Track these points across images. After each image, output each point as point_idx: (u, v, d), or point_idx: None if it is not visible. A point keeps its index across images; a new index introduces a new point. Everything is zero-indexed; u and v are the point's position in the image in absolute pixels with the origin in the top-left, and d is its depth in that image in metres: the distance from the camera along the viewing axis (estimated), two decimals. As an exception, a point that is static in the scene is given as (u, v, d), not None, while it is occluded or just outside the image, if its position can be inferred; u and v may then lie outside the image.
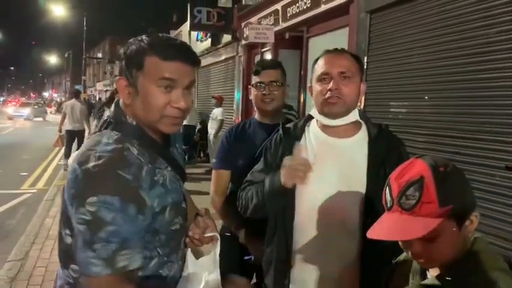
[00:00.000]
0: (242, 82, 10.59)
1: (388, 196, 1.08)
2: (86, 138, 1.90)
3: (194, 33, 14.11)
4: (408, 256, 1.19)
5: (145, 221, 1.20)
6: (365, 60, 5.87)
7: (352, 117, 1.64)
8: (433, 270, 1.13)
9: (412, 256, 1.10)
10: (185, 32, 15.41)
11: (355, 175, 1.57)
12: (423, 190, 1.00)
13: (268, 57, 9.32)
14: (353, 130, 1.66)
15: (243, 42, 10.26)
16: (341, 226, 1.58)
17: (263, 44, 9.47)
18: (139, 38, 1.29)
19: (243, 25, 10.05)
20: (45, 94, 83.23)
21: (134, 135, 1.28)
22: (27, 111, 31.50)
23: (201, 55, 14.64)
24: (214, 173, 2.37)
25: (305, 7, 7.50)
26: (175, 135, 1.46)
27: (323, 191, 1.59)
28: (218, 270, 1.35)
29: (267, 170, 1.73)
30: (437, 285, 1.08)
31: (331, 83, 1.58)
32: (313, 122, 1.73)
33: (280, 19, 8.55)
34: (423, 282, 1.13)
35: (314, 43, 7.75)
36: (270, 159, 1.76)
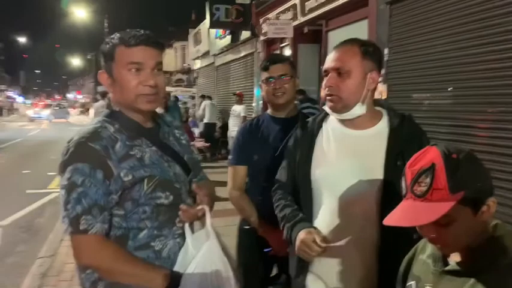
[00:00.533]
0: (262, 78, 10.58)
1: (403, 184, 1.11)
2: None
3: (213, 30, 14.16)
4: (425, 245, 1.20)
5: (112, 187, 1.40)
6: (385, 52, 5.79)
7: (357, 110, 1.60)
8: (455, 256, 1.12)
9: (429, 241, 1.11)
10: (204, 30, 15.50)
11: (373, 166, 1.56)
12: (434, 177, 1.02)
13: (287, 52, 9.30)
14: (373, 121, 1.63)
15: (262, 38, 10.26)
16: (360, 217, 1.57)
17: (282, 39, 9.44)
18: (112, 36, 1.51)
19: (262, 21, 10.05)
20: (69, 96, 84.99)
21: (116, 118, 1.51)
22: (46, 113, 32.12)
23: (221, 52, 14.72)
24: (230, 169, 2.40)
25: (324, 0, 7.44)
26: (174, 128, 1.69)
27: (341, 183, 1.58)
28: (214, 238, 1.48)
29: (289, 168, 1.77)
30: (458, 270, 1.08)
31: (326, 79, 1.59)
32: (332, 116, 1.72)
33: (298, 13, 8.51)
34: (446, 268, 1.12)
35: (333, 36, 7.68)
36: (291, 155, 1.78)
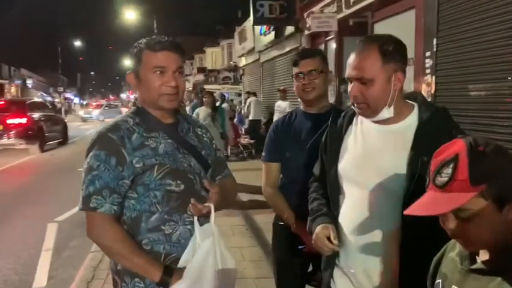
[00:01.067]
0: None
1: (428, 175, 1.09)
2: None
3: (258, 27, 14.18)
4: (455, 243, 1.16)
5: (124, 172, 1.57)
6: (434, 42, 5.56)
7: (385, 114, 1.55)
8: (483, 255, 1.07)
9: (451, 236, 1.08)
10: (249, 27, 15.57)
11: (398, 161, 1.51)
12: (456, 168, 1.00)
13: (332, 46, 9.15)
14: (402, 115, 1.58)
15: (306, 32, 10.14)
16: (384, 213, 1.54)
17: (326, 33, 9.29)
18: (139, 41, 1.68)
19: (306, 15, 9.93)
20: (122, 96, 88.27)
21: (138, 113, 1.70)
22: (96, 113, 33.37)
23: (265, 49, 14.71)
24: (264, 166, 2.40)
25: (369, -9, 7.24)
26: (197, 126, 1.83)
27: (366, 179, 1.56)
28: (217, 236, 1.60)
29: (321, 162, 1.79)
30: (485, 269, 1.03)
31: (350, 87, 1.55)
32: None
33: (343, 6, 8.33)
34: (472, 266, 1.08)
35: (380, 28, 7.46)
36: (321, 150, 1.79)
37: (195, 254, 1.55)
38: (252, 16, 11.64)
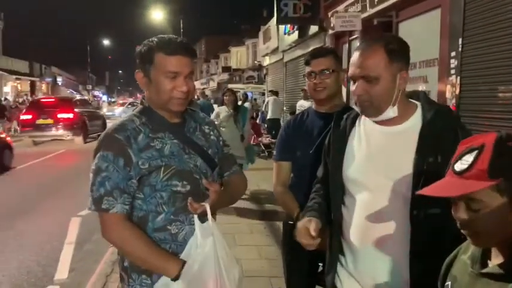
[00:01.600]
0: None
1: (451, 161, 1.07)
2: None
3: (282, 26, 14.16)
4: (468, 246, 1.13)
5: (131, 172, 1.57)
6: (459, 42, 5.44)
7: (390, 113, 1.53)
8: (495, 258, 1.05)
9: (460, 226, 1.05)
10: (273, 27, 15.56)
11: (403, 163, 1.48)
12: (478, 157, 0.99)
13: (356, 45, 9.05)
14: (405, 116, 1.56)
15: (330, 32, 10.07)
16: (390, 215, 1.51)
17: (351, 32, 9.21)
18: (150, 39, 1.65)
19: (330, 14, 9.86)
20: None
21: (145, 113, 1.68)
22: (119, 110, 33.97)
23: (289, 48, 14.68)
24: (275, 165, 2.38)
25: (393, -10, 7.13)
26: (204, 124, 1.81)
27: (371, 181, 1.53)
28: (217, 234, 1.60)
29: (325, 164, 1.77)
30: (497, 273, 1.00)
31: (354, 87, 1.52)
32: None
33: (367, 5, 8.24)
34: (483, 270, 1.05)
35: (404, 28, 7.35)
36: (325, 152, 1.77)
37: (195, 255, 1.55)
38: (276, 15, 11.63)
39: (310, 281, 2.33)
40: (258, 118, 14.70)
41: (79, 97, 22.64)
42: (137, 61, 1.67)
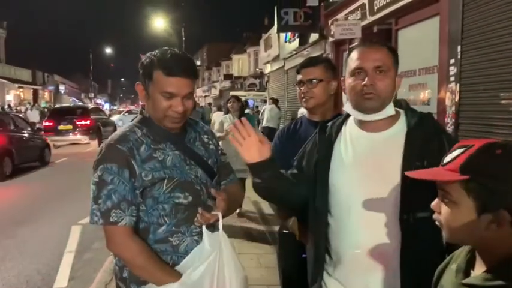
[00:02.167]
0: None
1: None
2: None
3: (283, 34, 14.22)
4: (459, 254, 1.14)
5: (136, 183, 1.56)
6: (458, 49, 5.46)
7: (387, 111, 1.56)
8: (478, 268, 1.05)
9: (435, 219, 1.11)
10: (274, 34, 15.63)
11: (390, 168, 1.49)
12: (462, 154, 1.04)
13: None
14: (390, 122, 1.58)
15: (330, 39, 10.11)
16: (379, 221, 1.51)
17: (351, 40, 9.24)
18: (152, 53, 1.62)
19: (330, 22, 9.92)
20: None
21: (145, 123, 1.66)
22: (115, 118, 34.26)
23: (290, 56, 14.73)
24: None
25: (393, -2, 7.17)
26: (203, 133, 1.79)
27: (359, 187, 1.53)
28: (226, 244, 1.62)
29: (298, 168, 1.74)
30: (477, 284, 1.01)
31: (366, 79, 1.52)
32: (351, 119, 1.67)
33: (367, 13, 8.29)
34: (464, 281, 1.06)
35: (404, 35, 7.38)
36: (305, 157, 1.74)
37: (199, 263, 1.54)
38: (277, 23, 11.70)
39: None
40: (260, 125, 14.71)
41: (92, 106, 24.79)
42: (140, 72, 1.65)
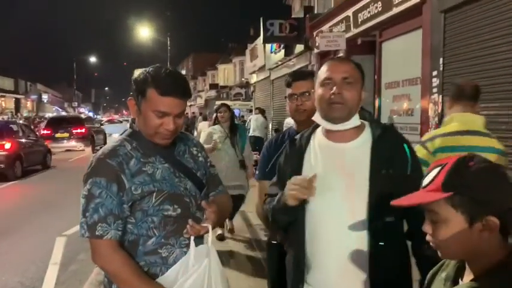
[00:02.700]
0: (316, 91, 10.55)
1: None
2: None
3: (269, 45, 14.35)
4: (450, 261, 1.18)
5: (124, 198, 1.58)
6: (440, 61, 5.60)
7: (353, 122, 1.66)
8: (467, 277, 1.09)
9: (427, 238, 1.13)
10: (260, 45, 15.75)
11: (359, 177, 1.59)
12: (439, 173, 1.08)
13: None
14: (357, 133, 1.68)
15: (316, 51, 10.25)
16: (350, 228, 1.59)
17: (335, 52, 9.38)
18: (146, 69, 1.64)
19: (315, 34, 10.06)
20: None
21: (135, 137, 1.69)
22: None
23: (276, 66, 14.86)
24: (257, 184, 2.42)
25: (376, 11, 7.33)
26: (192, 145, 1.81)
27: (329, 197, 1.60)
28: (214, 256, 1.63)
29: (280, 183, 1.77)
30: None
31: (334, 88, 1.62)
32: (319, 130, 1.76)
33: (351, 25, 8.44)
34: None
35: (387, 47, 7.54)
36: (281, 171, 1.80)
37: (186, 276, 1.56)
38: (263, 34, 11.81)
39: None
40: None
41: (84, 115, 27.05)
42: (132, 87, 1.66)
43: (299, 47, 11.75)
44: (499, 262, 1.03)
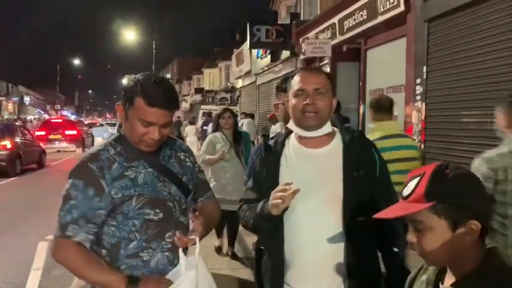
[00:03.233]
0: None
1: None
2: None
3: (255, 50, 14.41)
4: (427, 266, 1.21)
5: (102, 203, 1.60)
6: (424, 69, 5.70)
7: (326, 129, 1.77)
8: (448, 280, 1.12)
9: (410, 247, 1.16)
10: (246, 50, 15.81)
11: (333, 180, 1.68)
12: (419, 183, 1.10)
13: (326, 70, 9.31)
14: (328, 139, 1.79)
15: (302, 57, 10.33)
16: (327, 230, 1.67)
17: (321, 58, 9.49)
18: (136, 77, 1.65)
19: (301, 40, 10.14)
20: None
21: (120, 141, 1.70)
22: None
23: (262, 71, 14.92)
24: (244, 189, 2.42)
25: (362, 19, 7.44)
26: (180, 150, 1.81)
27: (306, 200, 1.66)
28: (201, 267, 1.61)
29: (256, 187, 1.84)
30: None
31: (307, 99, 1.71)
32: (292, 136, 1.83)
33: (337, 32, 8.54)
34: None
35: (372, 54, 7.65)
36: (257, 175, 1.85)
37: (176, 285, 1.56)
38: (249, 40, 11.87)
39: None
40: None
41: (73, 118, 28.22)
42: (122, 93, 1.67)
43: (285, 53, 11.83)
44: (480, 264, 1.07)
